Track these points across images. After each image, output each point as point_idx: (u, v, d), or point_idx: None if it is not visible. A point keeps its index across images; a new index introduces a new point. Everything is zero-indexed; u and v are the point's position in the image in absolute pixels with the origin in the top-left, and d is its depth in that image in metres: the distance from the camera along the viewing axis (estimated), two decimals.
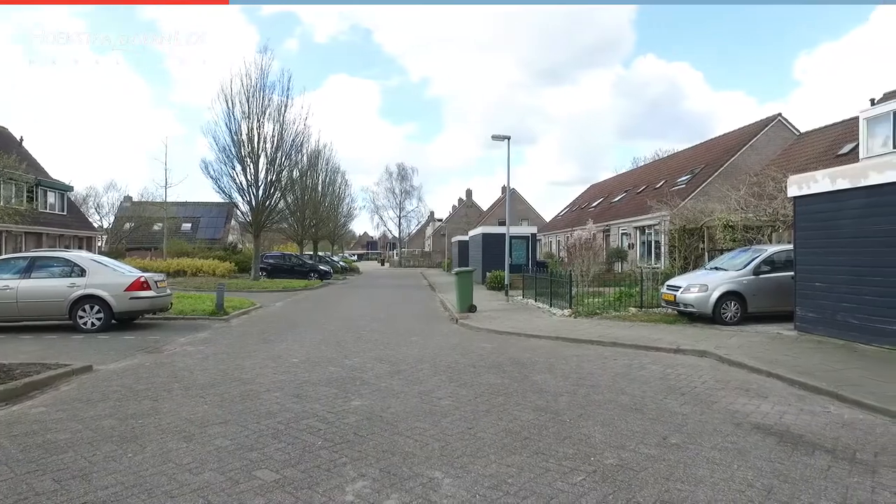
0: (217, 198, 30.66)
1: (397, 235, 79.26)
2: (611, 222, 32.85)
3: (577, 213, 43.94)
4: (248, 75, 28.15)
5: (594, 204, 41.52)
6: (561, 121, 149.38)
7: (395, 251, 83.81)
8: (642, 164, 52.86)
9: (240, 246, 48.37)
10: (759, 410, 6.08)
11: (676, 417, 5.82)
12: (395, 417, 5.85)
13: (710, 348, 9.32)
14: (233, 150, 28.46)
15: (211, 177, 28.93)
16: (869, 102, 22.47)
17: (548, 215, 60.22)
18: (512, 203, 55.67)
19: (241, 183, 28.99)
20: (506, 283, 20.39)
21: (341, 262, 49.73)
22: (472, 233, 34.68)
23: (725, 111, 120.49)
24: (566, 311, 14.61)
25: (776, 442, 5.06)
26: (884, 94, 22.57)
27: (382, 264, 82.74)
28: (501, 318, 14.44)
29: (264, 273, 32.34)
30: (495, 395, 6.77)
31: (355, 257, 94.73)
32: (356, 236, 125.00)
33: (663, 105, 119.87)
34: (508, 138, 20.11)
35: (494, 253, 25.78)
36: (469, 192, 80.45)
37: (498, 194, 73.00)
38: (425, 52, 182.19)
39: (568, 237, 24.87)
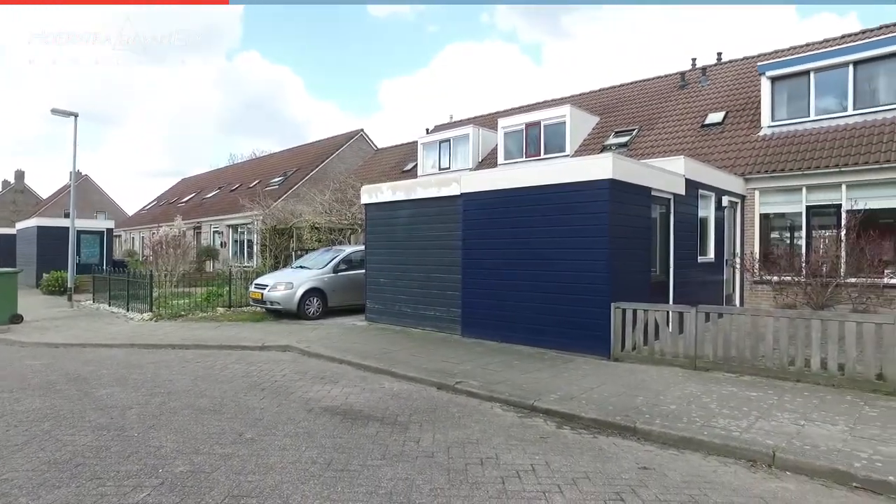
0: None
1: None
2: (203, 219, 31.49)
3: (165, 207, 40.55)
4: None
5: (185, 199, 39.08)
6: (156, 105, 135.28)
7: None
8: (239, 161, 52.44)
9: None
10: (330, 395, 6.71)
11: (255, 413, 5.94)
12: None
13: (293, 342, 9.86)
14: None
15: None
16: (425, 131, 27.67)
17: (133, 209, 53.74)
18: (83, 192, 47.57)
19: None
20: (69, 285, 17.27)
21: None
22: (21, 225, 28.07)
23: (321, 119, 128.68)
24: (146, 315, 13.30)
25: (340, 420, 5.68)
26: (435, 126, 28.14)
27: None
28: (61, 328, 12.18)
29: None
30: (40, 422, 5.64)
31: None
32: None
33: (265, 104, 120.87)
34: (76, 115, 17.09)
35: (55, 250, 21.54)
36: (20, 174, 64.76)
37: (66, 180, 61.32)
38: None
39: (153, 233, 22.71)
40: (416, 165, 23.24)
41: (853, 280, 10.05)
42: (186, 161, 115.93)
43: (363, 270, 12.78)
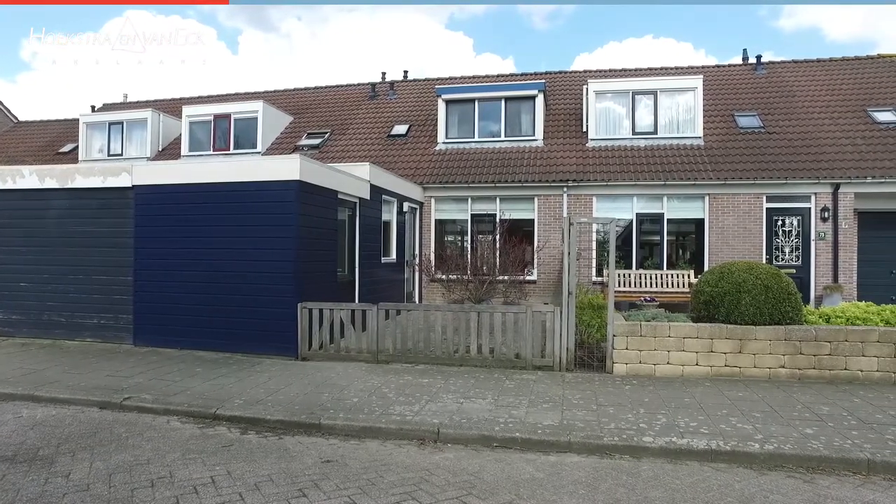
0: None
1: None
2: None
3: None
4: None
5: None
6: None
7: None
8: None
9: None
10: None
11: None
12: None
13: None
14: None
15: None
16: (91, 108, 23.59)
17: None
18: None
19: None
20: None
21: None
22: None
23: None
24: None
25: None
26: (103, 105, 24.19)
27: None
28: None
29: None
30: None
31: None
32: None
33: None
34: None
35: None
36: None
37: None
38: None
39: None
40: (76, 148, 19.69)
41: (503, 277, 12.13)
42: None
43: None
